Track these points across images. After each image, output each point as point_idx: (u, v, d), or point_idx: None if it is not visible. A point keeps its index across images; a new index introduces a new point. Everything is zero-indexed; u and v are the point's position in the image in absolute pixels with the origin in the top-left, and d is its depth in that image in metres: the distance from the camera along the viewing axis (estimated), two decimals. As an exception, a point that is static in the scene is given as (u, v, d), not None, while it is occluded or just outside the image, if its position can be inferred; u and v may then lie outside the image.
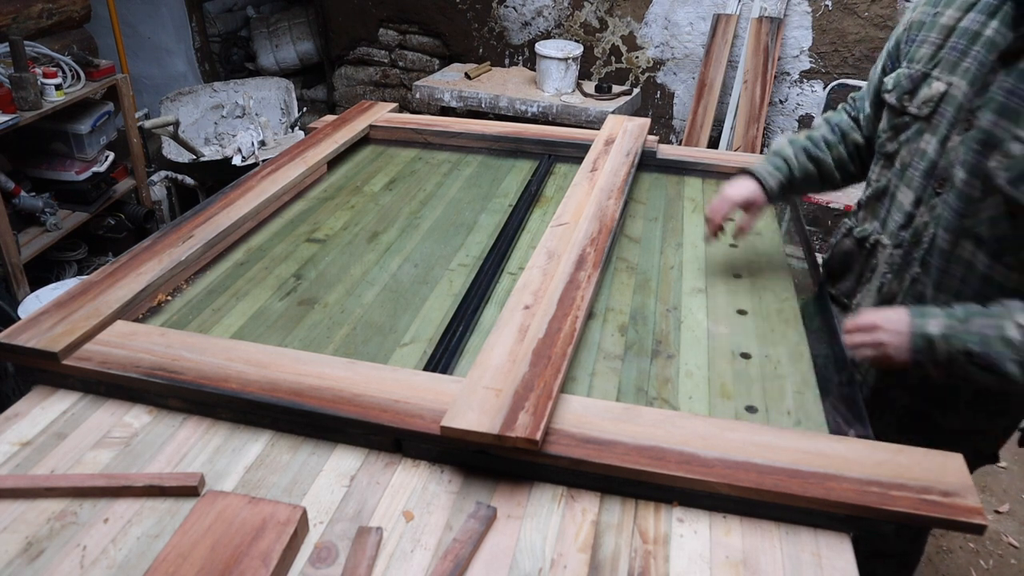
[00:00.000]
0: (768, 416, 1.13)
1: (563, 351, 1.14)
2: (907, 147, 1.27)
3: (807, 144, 1.48)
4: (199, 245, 1.46)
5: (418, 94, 3.99)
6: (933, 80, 1.22)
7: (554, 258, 1.40)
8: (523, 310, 1.24)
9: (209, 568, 0.82)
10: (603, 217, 1.56)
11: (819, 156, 1.47)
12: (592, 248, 1.44)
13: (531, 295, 1.28)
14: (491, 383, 1.06)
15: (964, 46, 1.18)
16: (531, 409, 1.00)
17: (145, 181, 3.62)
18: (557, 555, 0.89)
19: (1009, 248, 1.15)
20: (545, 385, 1.05)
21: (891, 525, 0.92)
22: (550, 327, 1.20)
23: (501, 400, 1.02)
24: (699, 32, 4.05)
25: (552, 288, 1.30)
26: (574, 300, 1.27)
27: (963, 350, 1.10)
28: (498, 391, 1.04)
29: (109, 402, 1.12)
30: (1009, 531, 2.36)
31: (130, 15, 4.34)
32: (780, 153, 1.49)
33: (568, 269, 1.37)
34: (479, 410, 1.00)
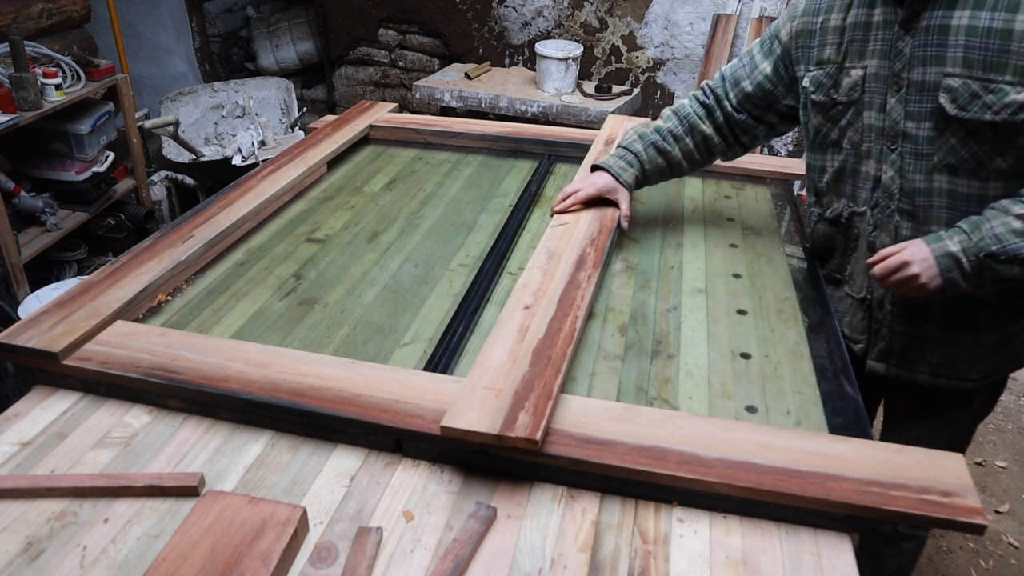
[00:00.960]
0: (768, 416, 1.13)
1: (563, 351, 1.14)
2: (851, 128, 1.43)
3: (656, 139, 1.61)
4: (199, 245, 1.46)
5: (418, 94, 3.99)
6: (849, 70, 1.40)
7: (554, 258, 1.41)
8: (523, 310, 1.24)
9: (209, 568, 0.82)
10: (603, 217, 1.56)
11: (667, 149, 1.60)
12: (592, 248, 1.44)
13: (531, 295, 1.28)
14: (491, 383, 1.06)
15: (862, 35, 1.37)
16: (531, 409, 1.00)
17: (145, 181, 3.62)
18: (557, 555, 0.89)
19: (979, 165, 1.29)
20: (545, 385, 1.05)
21: (891, 525, 0.92)
22: (550, 327, 1.20)
23: (501, 400, 1.02)
24: (699, 32, 4.05)
25: (552, 288, 1.30)
26: (574, 300, 1.27)
27: (985, 254, 1.22)
28: (498, 391, 1.04)
29: (109, 402, 1.12)
30: (1009, 531, 2.36)
31: (130, 15, 4.34)
32: (630, 148, 1.62)
33: (568, 269, 1.37)
34: (479, 410, 1.00)
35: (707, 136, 1.60)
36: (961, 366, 1.46)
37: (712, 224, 1.73)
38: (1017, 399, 2.97)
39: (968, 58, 1.24)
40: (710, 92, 1.61)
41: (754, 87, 1.55)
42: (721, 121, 1.60)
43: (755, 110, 1.57)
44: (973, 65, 1.24)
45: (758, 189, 1.92)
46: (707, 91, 1.62)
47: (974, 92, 1.24)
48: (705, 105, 1.61)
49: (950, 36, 1.26)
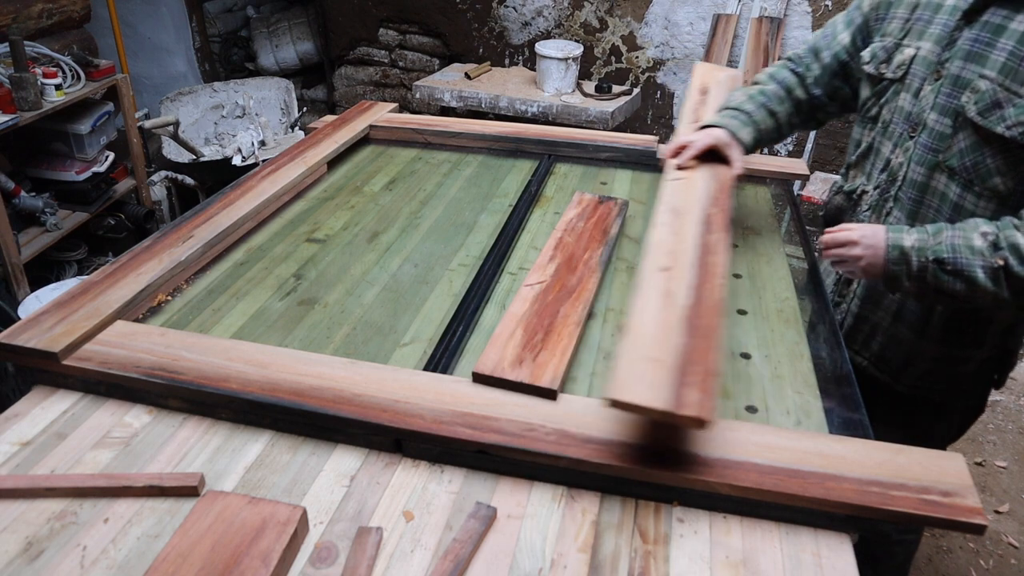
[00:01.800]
0: (768, 416, 1.13)
1: (715, 321, 1.06)
2: (887, 107, 1.43)
3: (764, 100, 1.58)
4: (199, 245, 1.46)
5: (418, 94, 3.99)
6: (904, 47, 1.39)
7: (680, 216, 1.32)
8: (661, 272, 1.16)
9: (209, 568, 0.82)
10: (718, 175, 1.47)
11: (775, 111, 1.58)
12: (716, 209, 1.35)
13: (666, 255, 1.20)
14: (650, 353, 0.98)
15: (929, 16, 1.36)
16: (698, 385, 0.93)
17: (145, 181, 3.62)
18: (557, 555, 0.89)
19: (978, 177, 1.28)
20: (707, 361, 0.98)
21: (891, 525, 0.92)
22: (695, 294, 1.11)
23: (665, 373, 0.95)
24: (699, 32, 4.05)
25: (685, 249, 1.22)
26: (712, 266, 1.19)
27: (934, 259, 1.22)
28: (659, 362, 0.96)
29: (109, 402, 1.12)
30: (1009, 531, 2.36)
31: (130, 15, 4.34)
32: (741, 108, 1.57)
33: (696, 229, 1.28)
34: (645, 383, 0.93)
35: (800, 102, 1.59)
36: (897, 362, 1.49)
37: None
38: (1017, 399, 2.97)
39: (1007, 65, 1.22)
40: (799, 60, 1.60)
41: (831, 58, 1.54)
42: (810, 87, 1.58)
43: (829, 85, 1.55)
44: (1008, 73, 1.22)
45: (758, 189, 1.92)
46: (795, 59, 1.60)
47: (997, 100, 1.23)
48: (796, 72, 1.59)
49: (1002, 38, 1.24)
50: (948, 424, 1.56)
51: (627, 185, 1.93)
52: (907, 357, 1.48)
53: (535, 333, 1.18)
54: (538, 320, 1.22)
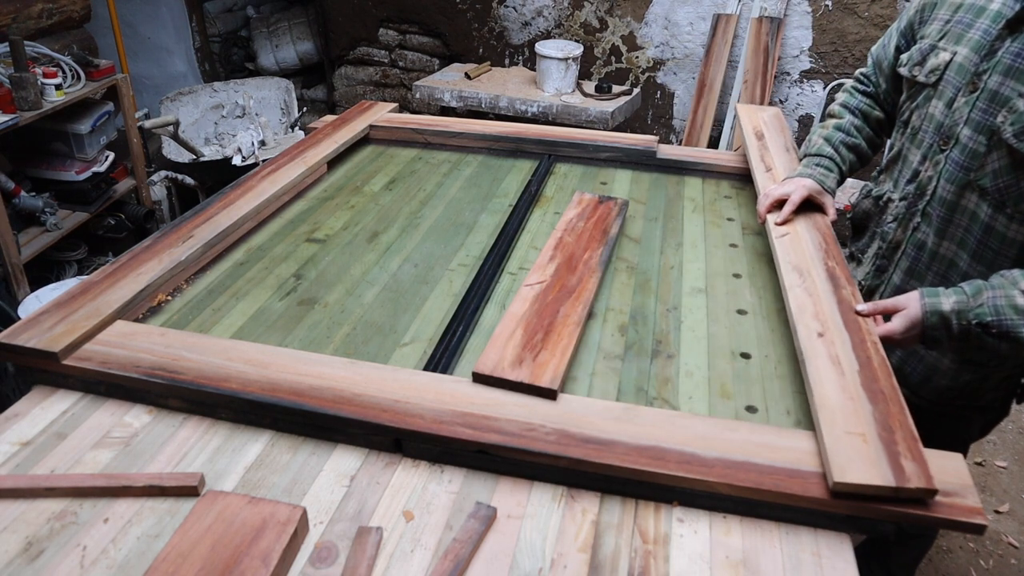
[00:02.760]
0: (768, 416, 1.13)
1: (890, 384, 1.08)
2: (917, 112, 1.39)
3: (843, 137, 1.57)
4: (199, 245, 1.46)
5: (418, 94, 3.99)
6: (940, 51, 1.33)
7: (805, 275, 1.33)
8: (819, 338, 1.17)
9: (209, 568, 0.82)
10: (816, 225, 1.49)
11: (856, 144, 1.57)
12: (833, 262, 1.37)
13: (814, 320, 1.21)
14: (849, 427, 1.00)
15: (970, 20, 1.29)
16: (907, 455, 0.95)
17: (145, 181, 3.62)
18: (557, 555, 0.89)
19: (1011, 199, 1.24)
20: (902, 426, 1.00)
21: (891, 525, 0.92)
22: (858, 357, 1.13)
23: (872, 447, 0.96)
24: (699, 32, 4.05)
25: (828, 310, 1.24)
26: (857, 323, 1.20)
27: (977, 323, 1.16)
28: (862, 436, 0.98)
29: (109, 402, 1.12)
30: (1009, 531, 2.36)
31: (130, 15, 4.34)
32: (823, 154, 1.56)
33: (826, 287, 1.30)
34: (862, 460, 0.94)
35: (880, 120, 1.58)
36: (916, 377, 1.47)
37: (712, 224, 1.73)
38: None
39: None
40: (866, 79, 1.59)
41: (889, 68, 1.52)
42: (884, 104, 1.57)
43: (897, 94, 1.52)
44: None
45: (758, 189, 1.92)
46: (862, 79, 1.60)
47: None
48: (867, 93, 1.58)
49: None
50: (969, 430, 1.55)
51: (627, 185, 1.93)
52: (926, 373, 1.45)
53: (535, 333, 1.18)
54: (538, 320, 1.22)
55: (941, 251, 1.37)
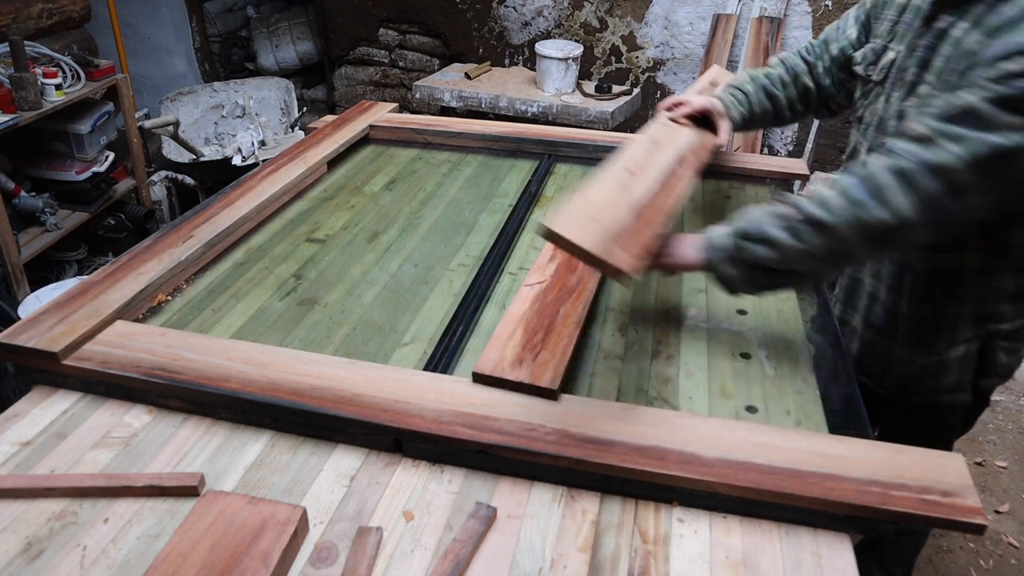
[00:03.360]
0: (768, 416, 1.13)
1: (662, 218, 1.16)
2: (869, 109, 1.44)
3: (766, 83, 1.63)
4: (199, 245, 1.46)
5: (418, 94, 3.99)
6: (889, 50, 1.39)
7: (658, 145, 1.40)
8: (626, 173, 1.24)
9: (209, 568, 0.82)
10: (704, 138, 1.56)
11: (775, 94, 1.62)
12: (693, 156, 1.44)
13: (635, 164, 1.27)
14: (594, 215, 1.09)
15: (910, 19, 1.35)
16: (627, 247, 1.06)
17: (145, 181, 3.62)
18: (557, 555, 0.89)
19: None
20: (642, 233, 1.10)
21: (891, 525, 0.92)
22: (650, 197, 1.20)
23: (601, 229, 1.06)
24: (699, 32, 4.05)
25: (654, 166, 1.30)
26: (673, 186, 1.27)
27: (735, 232, 1.19)
28: (600, 223, 1.08)
29: (109, 402, 1.12)
30: (1009, 531, 2.36)
31: (130, 15, 4.34)
32: (741, 88, 1.64)
33: (669, 160, 1.36)
34: (582, 230, 1.04)
35: (808, 88, 1.61)
36: (873, 367, 1.48)
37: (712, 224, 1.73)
38: (1017, 399, 2.97)
39: (941, 70, 1.21)
40: (811, 49, 1.63)
41: (838, 51, 1.56)
42: (819, 76, 1.61)
43: (837, 77, 1.57)
44: (941, 78, 1.21)
45: (758, 189, 1.92)
46: (810, 48, 1.64)
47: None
48: (807, 61, 1.62)
49: (944, 43, 1.23)
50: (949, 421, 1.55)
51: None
52: (883, 362, 1.47)
53: (535, 333, 1.18)
54: (538, 320, 1.22)
55: None
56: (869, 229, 1.08)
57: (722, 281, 1.22)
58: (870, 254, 1.13)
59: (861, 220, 1.08)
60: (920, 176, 1.05)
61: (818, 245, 1.12)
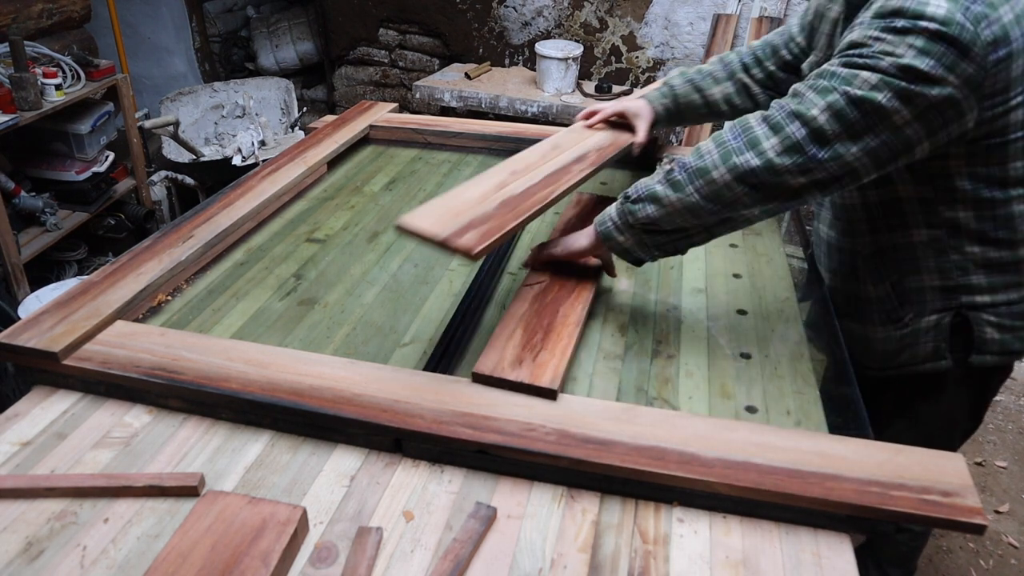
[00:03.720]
0: (768, 416, 1.13)
1: (529, 206, 1.21)
2: None
3: (695, 76, 1.68)
4: (199, 245, 1.46)
5: (418, 94, 3.99)
6: None
7: (558, 149, 1.46)
8: (509, 173, 1.31)
9: (209, 568, 0.82)
10: (617, 137, 1.60)
11: (703, 88, 1.66)
12: (596, 155, 1.48)
13: (523, 166, 1.35)
14: (454, 208, 1.15)
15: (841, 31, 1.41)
16: (480, 231, 1.10)
17: (145, 181, 3.62)
18: (557, 555, 0.89)
19: None
20: (500, 222, 1.14)
21: (891, 525, 0.92)
22: (527, 190, 1.27)
23: (457, 220, 1.13)
24: (699, 32, 4.05)
25: (544, 167, 1.37)
26: (559, 179, 1.33)
27: (620, 198, 1.26)
28: (457, 214, 1.14)
29: (109, 402, 1.12)
30: (1009, 531, 2.36)
31: (130, 15, 4.34)
32: (668, 82, 1.70)
33: (566, 160, 1.42)
34: (435, 220, 1.11)
35: (747, 85, 1.65)
36: (858, 353, 1.51)
37: None
38: (1017, 399, 2.97)
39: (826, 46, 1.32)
40: (751, 52, 1.67)
41: (791, 57, 1.61)
42: (760, 77, 1.65)
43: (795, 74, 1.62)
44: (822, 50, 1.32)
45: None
46: (749, 50, 1.68)
47: None
48: (743, 62, 1.67)
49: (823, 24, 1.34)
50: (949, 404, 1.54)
51: (627, 185, 1.92)
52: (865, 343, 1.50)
53: (535, 333, 1.18)
54: (538, 320, 1.22)
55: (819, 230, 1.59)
56: (738, 171, 1.14)
57: (618, 251, 1.28)
58: (750, 202, 1.16)
59: (731, 163, 1.14)
60: (784, 121, 1.12)
61: (696, 193, 1.16)
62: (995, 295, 1.35)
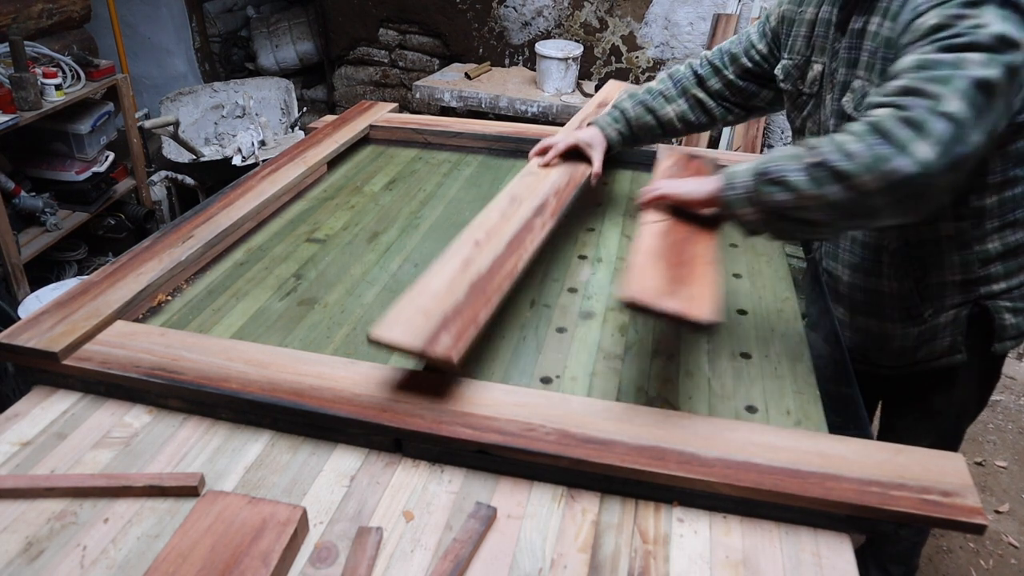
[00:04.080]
0: (768, 416, 1.13)
1: (499, 286, 1.17)
2: (810, 120, 1.50)
3: (646, 98, 1.66)
4: (199, 245, 1.46)
5: (418, 94, 3.99)
6: (813, 63, 1.46)
7: (515, 202, 1.43)
8: (472, 245, 1.27)
9: (209, 568, 0.82)
10: (573, 172, 1.59)
11: (655, 108, 1.65)
12: (555, 198, 1.47)
13: (484, 232, 1.31)
14: (423, 306, 1.10)
15: (823, 32, 1.43)
16: (454, 332, 1.05)
17: (145, 181, 3.62)
18: (557, 555, 0.89)
19: None
20: (473, 314, 1.10)
21: (891, 525, 0.92)
22: (493, 264, 1.22)
23: (429, 322, 1.07)
24: (699, 32, 4.05)
25: (506, 230, 1.33)
26: (523, 242, 1.30)
27: (755, 171, 1.16)
28: (427, 313, 1.09)
29: (109, 402, 1.12)
30: (1009, 531, 2.36)
31: (130, 15, 4.34)
32: (619, 106, 1.68)
33: (526, 215, 1.40)
34: (406, 327, 1.05)
35: (701, 100, 1.64)
36: (871, 351, 1.51)
37: None
38: (1017, 399, 2.97)
39: (870, 63, 1.29)
40: (706, 63, 1.66)
41: (753, 64, 1.61)
42: (717, 88, 1.64)
43: (755, 82, 1.63)
44: (870, 68, 1.29)
45: (758, 189, 1.92)
46: (703, 61, 1.67)
47: (865, 94, 1.29)
48: (698, 74, 1.65)
49: (865, 40, 1.30)
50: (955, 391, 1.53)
51: (627, 185, 1.93)
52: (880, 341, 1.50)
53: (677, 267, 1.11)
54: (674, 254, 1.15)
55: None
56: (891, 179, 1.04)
57: (738, 221, 1.20)
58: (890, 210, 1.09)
59: (882, 169, 1.05)
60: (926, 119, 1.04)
61: (837, 194, 1.08)
62: (1010, 280, 1.37)
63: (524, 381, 1.18)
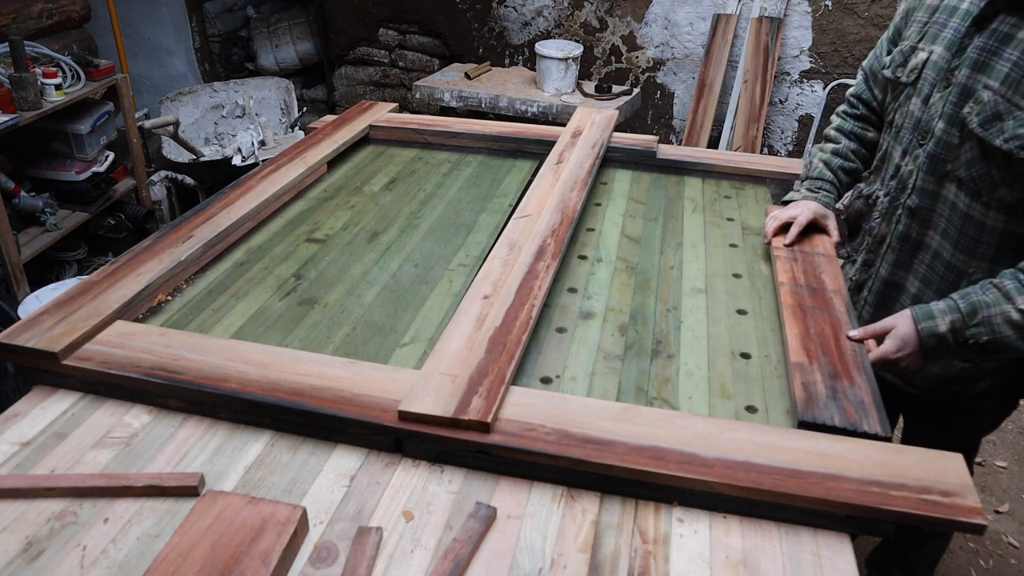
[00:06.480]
0: (768, 416, 1.13)
1: (518, 339, 1.18)
2: (900, 111, 1.43)
3: (842, 162, 1.61)
4: (199, 245, 1.46)
5: (418, 94, 3.99)
6: (919, 51, 1.38)
7: (515, 249, 1.44)
8: (482, 300, 1.28)
9: (209, 568, 0.82)
10: (565, 209, 1.60)
11: (854, 168, 1.62)
12: (552, 239, 1.48)
13: (491, 285, 1.32)
14: (447, 370, 1.10)
15: (944, 19, 1.35)
16: (484, 394, 1.04)
17: (145, 181, 3.62)
18: (557, 555, 0.89)
19: (984, 187, 1.27)
20: (499, 371, 1.09)
21: (891, 525, 0.92)
22: (507, 316, 1.23)
23: (456, 385, 1.06)
24: (699, 32, 4.05)
25: (511, 279, 1.34)
26: (531, 290, 1.31)
27: (975, 344, 1.19)
28: (453, 377, 1.08)
29: (109, 402, 1.12)
30: (1009, 531, 2.36)
31: (130, 15, 4.34)
32: (823, 178, 1.61)
33: (528, 260, 1.40)
34: (435, 395, 1.04)
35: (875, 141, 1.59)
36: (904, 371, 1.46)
37: (712, 224, 1.73)
38: (1017, 399, 2.97)
39: (1010, 75, 1.20)
40: (857, 101, 1.62)
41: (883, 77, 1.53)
42: (874, 124, 1.60)
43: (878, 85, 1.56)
44: (1011, 84, 1.20)
45: (758, 189, 1.92)
46: (854, 102, 1.62)
47: (998, 112, 1.21)
48: (858, 116, 1.61)
49: (1008, 47, 1.21)
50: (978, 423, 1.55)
51: (627, 185, 1.93)
52: None
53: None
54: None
55: (925, 241, 1.41)
56: None
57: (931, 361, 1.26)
58: None
59: None
60: None
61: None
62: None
63: (524, 381, 1.18)
